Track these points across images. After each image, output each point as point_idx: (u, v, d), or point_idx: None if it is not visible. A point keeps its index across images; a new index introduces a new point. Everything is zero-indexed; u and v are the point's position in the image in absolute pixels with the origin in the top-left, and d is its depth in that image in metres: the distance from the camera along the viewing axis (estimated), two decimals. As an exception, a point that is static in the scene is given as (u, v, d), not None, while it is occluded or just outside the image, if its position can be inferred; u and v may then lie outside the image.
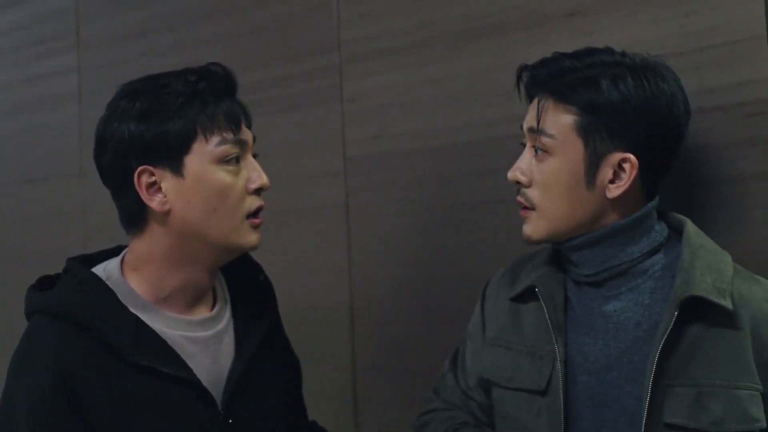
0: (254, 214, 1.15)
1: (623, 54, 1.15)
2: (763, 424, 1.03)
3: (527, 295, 1.21)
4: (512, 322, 1.22)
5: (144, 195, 1.11)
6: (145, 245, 1.14)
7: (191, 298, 1.17)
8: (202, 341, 1.16)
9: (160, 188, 1.11)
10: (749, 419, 1.03)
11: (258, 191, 1.15)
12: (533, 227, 1.16)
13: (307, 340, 1.52)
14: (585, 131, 1.11)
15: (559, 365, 1.13)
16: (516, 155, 1.22)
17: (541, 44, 1.45)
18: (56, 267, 1.20)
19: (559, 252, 1.21)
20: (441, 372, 1.34)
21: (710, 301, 1.04)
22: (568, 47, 1.20)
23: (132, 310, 1.12)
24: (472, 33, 1.56)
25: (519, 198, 1.18)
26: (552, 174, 1.13)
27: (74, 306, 1.09)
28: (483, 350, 1.26)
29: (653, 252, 1.14)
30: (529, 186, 1.16)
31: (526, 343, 1.19)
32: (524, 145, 1.19)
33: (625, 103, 1.09)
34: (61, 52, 2.32)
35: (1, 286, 2.44)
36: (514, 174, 1.17)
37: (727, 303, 1.04)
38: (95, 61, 2.25)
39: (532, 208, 1.16)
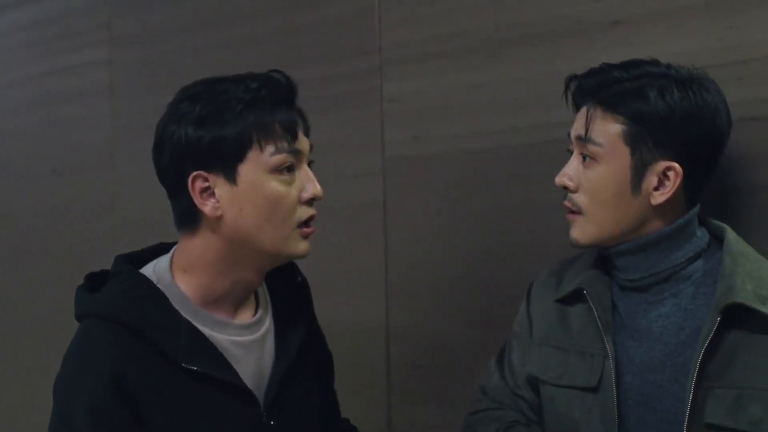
0: (305, 223, 1.15)
1: (669, 66, 1.17)
2: None
3: (574, 297, 1.24)
4: (560, 323, 1.26)
5: (197, 199, 1.11)
6: (197, 247, 1.14)
7: (239, 301, 1.18)
8: (248, 345, 1.17)
9: (213, 194, 1.11)
10: None
11: (311, 201, 1.15)
12: (580, 231, 1.20)
13: (342, 338, 1.54)
14: (632, 140, 1.14)
15: (610, 363, 1.16)
16: (553, 160, 1.25)
17: (583, 53, 1.47)
18: (85, 260, 1.18)
19: (603, 256, 1.24)
20: (487, 372, 1.37)
21: (751, 307, 1.08)
22: (611, 57, 1.22)
23: (183, 314, 1.12)
24: (514, 40, 1.57)
25: (566, 202, 1.21)
26: (599, 181, 1.17)
27: (128, 311, 1.10)
28: (531, 350, 1.29)
29: (695, 258, 1.17)
30: (576, 191, 1.19)
31: (576, 343, 1.22)
32: (570, 152, 1.22)
33: (671, 113, 1.12)
34: (93, 46, 2.31)
35: (29, 277, 2.45)
36: (561, 179, 1.20)
37: (766, 310, 1.08)
38: (127, 55, 2.24)
39: (579, 213, 1.19)
